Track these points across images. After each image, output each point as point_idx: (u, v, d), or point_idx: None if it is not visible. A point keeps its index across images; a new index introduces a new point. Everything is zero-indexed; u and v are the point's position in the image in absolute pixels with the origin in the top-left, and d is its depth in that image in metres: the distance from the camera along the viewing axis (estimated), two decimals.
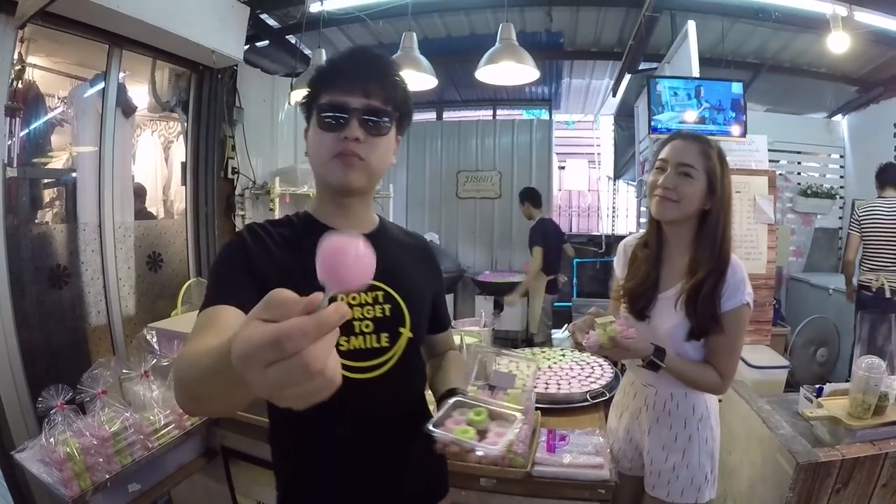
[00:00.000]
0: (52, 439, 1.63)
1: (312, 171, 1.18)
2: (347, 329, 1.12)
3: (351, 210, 1.19)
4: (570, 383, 2.26)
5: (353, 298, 1.13)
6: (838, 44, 3.78)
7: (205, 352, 0.74)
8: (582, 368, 2.42)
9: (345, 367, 1.07)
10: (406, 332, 1.18)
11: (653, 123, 3.47)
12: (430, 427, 1.08)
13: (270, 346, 0.51)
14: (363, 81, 1.09)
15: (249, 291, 0.92)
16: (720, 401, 1.86)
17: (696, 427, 1.65)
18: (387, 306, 1.17)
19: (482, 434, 1.07)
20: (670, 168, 1.56)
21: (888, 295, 3.78)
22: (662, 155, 1.60)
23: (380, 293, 1.17)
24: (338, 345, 0.90)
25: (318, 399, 0.55)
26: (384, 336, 1.16)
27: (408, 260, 1.28)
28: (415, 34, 3.20)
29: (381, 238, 1.24)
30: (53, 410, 1.66)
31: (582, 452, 1.71)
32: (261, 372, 0.52)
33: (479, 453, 1.02)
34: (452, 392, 1.21)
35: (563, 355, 2.61)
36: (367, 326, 1.14)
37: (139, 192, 3.70)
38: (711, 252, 1.54)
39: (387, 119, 1.12)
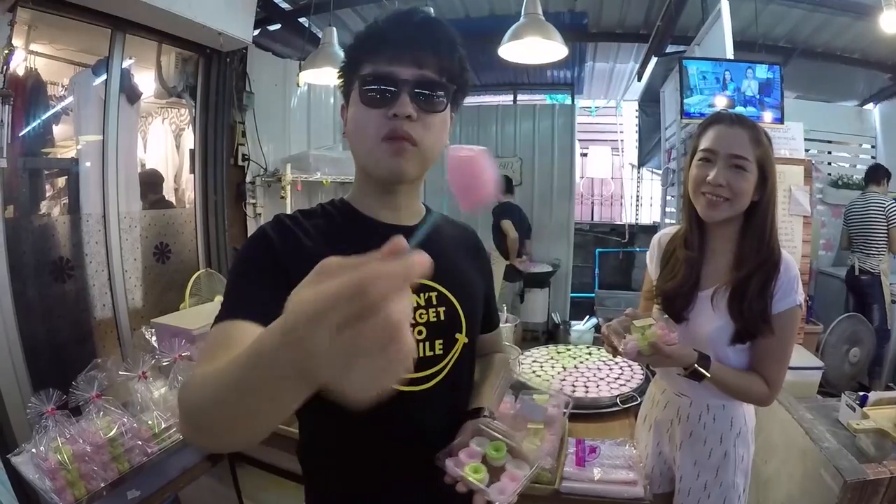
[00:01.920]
0: (42, 447, 1.56)
1: (353, 154, 1.02)
2: None
3: (398, 199, 1.03)
4: (598, 385, 2.15)
5: None
6: (891, 23, 3.54)
7: (223, 367, 0.61)
8: (611, 369, 2.31)
9: None
10: (462, 338, 1.05)
11: (684, 108, 3.32)
12: (440, 457, 0.96)
13: (351, 293, 0.39)
14: (414, 49, 0.93)
15: (274, 303, 0.68)
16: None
17: (733, 443, 1.53)
18: (441, 309, 1.02)
19: (496, 472, 0.95)
20: (720, 161, 1.38)
21: (856, 273, 4.63)
22: (707, 144, 1.42)
23: (433, 294, 1.02)
24: None
25: (393, 381, 0.44)
26: (438, 343, 1.02)
27: (460, 255, 1.13)
28: (432, 10, 3.06)
29: (431, 231, 1.09)
30: (44, 416, 1.58)
31: (613, 466, 1.59)
32: (330, 336, 0.40)
33: (480, 501, 0.91)
34: (477, 412, 1.06)
35: (590, 353, 2.49)
36: (419, 333, 1.00)
37: (156, 181, 3.62)
38: (759, 246, 1.40)
39: (442, 93, 0.95)
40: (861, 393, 1.90)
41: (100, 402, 1.69)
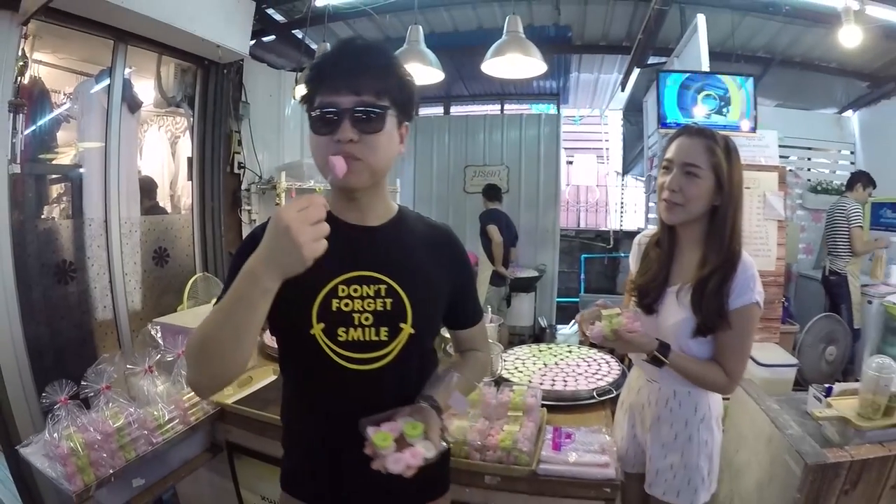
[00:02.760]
0: (55, 434, 1.63)
1: None
2: (347, 320, 1.13)
3: (363, 203, 1.18)
4: (576, 380, 2.24)
5: (355, 291, 1.14)
6: (850, 38, 3.72)
7: (218, 305, 0.99)
8: (589, 365, 2.40)
9: (342, 356, 1.13)
10: (407, 328, 1.17)
11: (661, 118, 3.45)
12: (363, 423, 1.08)
13: (304, 199, 0.91)
14: (351, 78, 1.06)
15: None
16: (726, 399, 1.85)
17: (697, 428, 1.64)
18: (388, 300, 1.16)
19: (405, 447, 1.05)
20: (676, 168, 1.53)
21: (826, 273, 4.84)
22: (668, 154, 1.57)
23: (382, 287, 1.16)
24: (336, 335, 1.14)
25: (322, 244, 0.90)
26: (383, 330, 1.15)
27: (422, 253, 1.24)
28: (421, 27, 3.18)
29: (393, 230, 1.23)
30: (57, 405, 1.65)
31: (588, 451, 1.69)
32: (304, 224, 0.88)
33: (377, 465, 1.02)
34: (425, 400, 1.18)
35: (570, 351, 2.59)
36: (366, 319, 1.14)
37: (150, 188, 3.70)
38: (720, 248, 1.52)
39: (381, 112, 1.08)
40: (827, 385, 1.99)
41: (109, 394, 1.76)
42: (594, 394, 2.11)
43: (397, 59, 1.15)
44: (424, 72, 3.25)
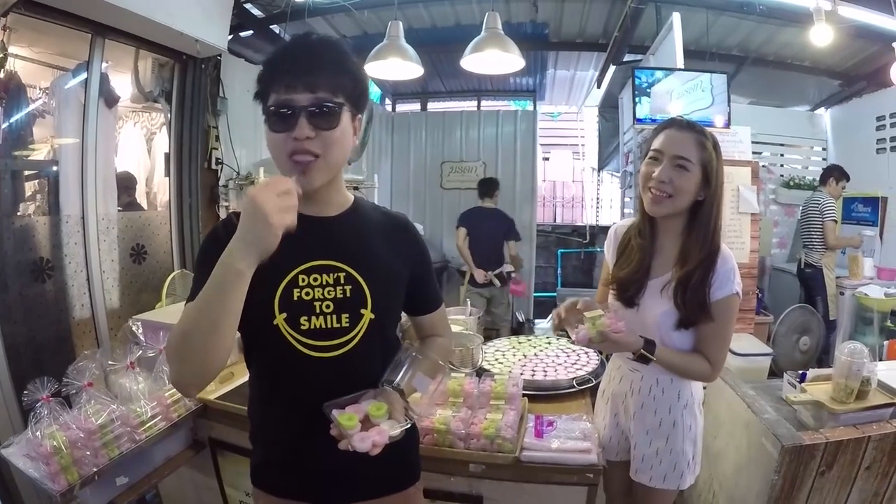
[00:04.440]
0: (38, 433, 1.60)
1: None
2: (309, 309, 1.15)
3: (319, 196, 1.19)
4: (556, 370, 2.28)
5: (315, 280, 1.16)
6: (821, 37, 3.83)
7: (194, 300, 1.01)
8: (568, 356, 2.43)
9: (305, 345, 1.14)
10: (368, 314, 1.19)
11: (636, 114, 3.50)
12: (328, 406, 1.10)
13: (276, 181, 0.97)
14: (306, 75, 1.07)
15: None
16: (704, 388, 1.89)
17: (681, 413, 1.67)
18: (347, 287, 1.18)
19: (370, 426, 1.08)
20: (665, 160, 1.52)
21: (802, 266, 4.92)
22: (656, 145, 1.56)
23: (341, 274, 1.18)
24: (299, 324, 1.16)
25: (293, 215, 0.96)
26: (345, 317, 1.17)
27: (378, 240, 1.26)
28: (401, 23, 3.19)
29: (350, 219, 1.25)
30: (39, 403, 1.63)
31: (570, 437, 1.72)
32: (269, 193, 0.94)
33: (344, 445, 1.05)
34: (388, 384, 1.20)
35: (549, 343, 2.63)
36: (327, 307, 1.16)
37: (127, 184, 3.65)
38: (703, 243, 1.54)
39: (336, 109, 1.09)
40: (801, 371, 2.05)
41: (91, 391, 1.73)
42: (574, 383, 2.15)
43: (350, 53, 1.16)
44: (404, 67, 3.27)
